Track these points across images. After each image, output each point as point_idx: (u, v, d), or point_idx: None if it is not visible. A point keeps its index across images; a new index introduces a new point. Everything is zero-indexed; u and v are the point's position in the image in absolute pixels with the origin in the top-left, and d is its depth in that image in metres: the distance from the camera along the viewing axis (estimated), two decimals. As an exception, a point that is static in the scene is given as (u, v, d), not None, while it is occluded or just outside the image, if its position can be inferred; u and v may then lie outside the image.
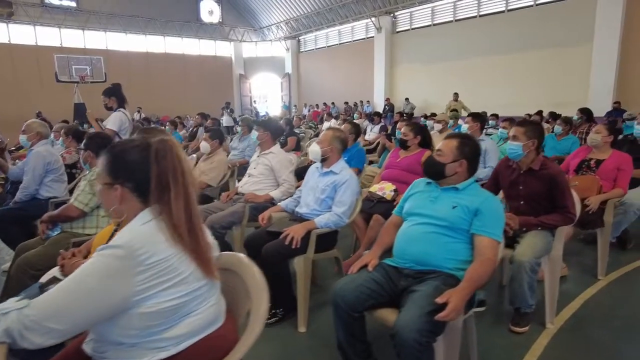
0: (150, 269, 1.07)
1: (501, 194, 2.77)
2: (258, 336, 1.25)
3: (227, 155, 6.07)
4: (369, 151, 7.73)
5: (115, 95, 4.40)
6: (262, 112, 21.62)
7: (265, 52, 24.79)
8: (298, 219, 2.75)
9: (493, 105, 11.86)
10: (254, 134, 3.55)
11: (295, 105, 22.61)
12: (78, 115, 13.94)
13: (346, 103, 18.45)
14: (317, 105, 19.92)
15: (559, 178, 2.42)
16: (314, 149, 2.75)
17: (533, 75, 13.32)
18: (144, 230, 1.13)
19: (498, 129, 6.25)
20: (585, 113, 6.45)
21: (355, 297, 1.81)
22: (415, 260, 1.86)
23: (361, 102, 18.29)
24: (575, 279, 3.15)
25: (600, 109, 11.08)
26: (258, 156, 3.53)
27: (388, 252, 2.06)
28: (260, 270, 2.67)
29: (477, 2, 14.91)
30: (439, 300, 1.55)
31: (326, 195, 2.66)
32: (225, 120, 14.56)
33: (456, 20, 15.73)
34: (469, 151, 1.94)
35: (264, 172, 3.41)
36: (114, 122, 4.27)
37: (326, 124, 10.34)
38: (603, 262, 3.15)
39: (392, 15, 17.89)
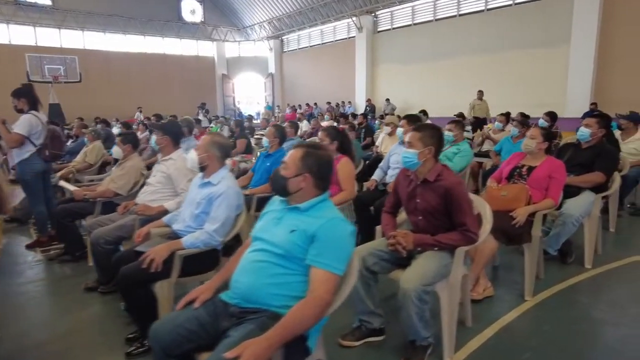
0: None
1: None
2: None
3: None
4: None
5: (26, 97, 4.03)
6: (246, 113, 21.23)
7: (249, 52, 24.43)
8: (174, 236, 2.41)
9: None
10: (152, 138, 3.20)
11: (278, 106, 22.25)
12: (53, 116, 13.65)
13: (329, 103, 18.12)
14: (299, 105, 19.56)
15: (455, 191, 2.09)
16: (191, 156, 2.42)
17: (513, 75, 13.07)
18: None
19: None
20: (551, 116, 6.20)
21: (171, 340, 1.50)
22: (241, 296, 1.53)
23: (342, 102, 17.97)
24: (499, 300, 2.83)
25: (578, 110, 10.82)
26: (158, 163, 3.19)
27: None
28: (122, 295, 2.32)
29: (456, 0, 14.62)
30: (229, 355, 1.21)
31: (201, 209, 2.33)
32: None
33: (436, 20, 15.45)
34: (314, 164, 1.60)
35: (162, 181, 3.06)
36: (23, 125, 3.91)
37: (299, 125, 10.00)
38: (530, 281, 2.83)
39: (373, 14, 17.62)
